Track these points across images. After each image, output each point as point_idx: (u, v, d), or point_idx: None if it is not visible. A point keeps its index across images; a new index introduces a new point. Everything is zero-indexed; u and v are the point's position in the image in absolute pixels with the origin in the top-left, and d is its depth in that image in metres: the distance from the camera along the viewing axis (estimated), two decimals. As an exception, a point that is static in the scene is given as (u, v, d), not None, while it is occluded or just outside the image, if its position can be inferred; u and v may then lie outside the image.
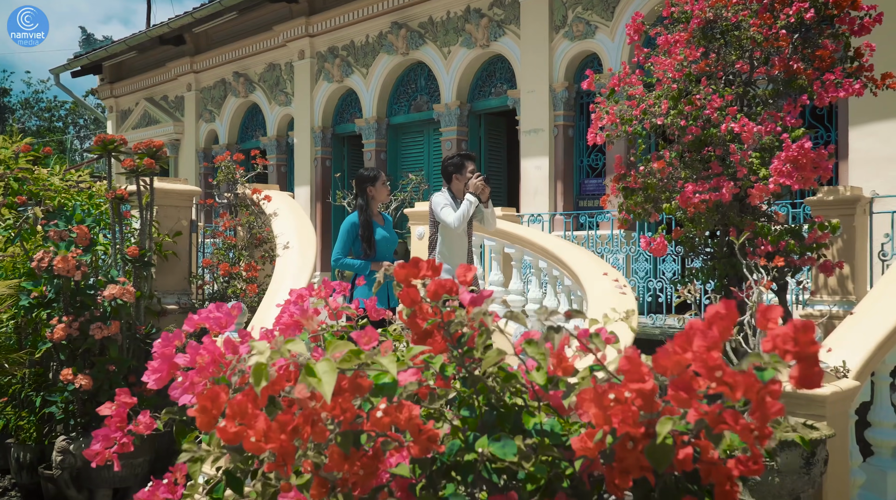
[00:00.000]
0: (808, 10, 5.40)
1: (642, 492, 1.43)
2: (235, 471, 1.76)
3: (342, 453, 1.30)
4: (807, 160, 5.27)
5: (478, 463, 1.42)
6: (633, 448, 1.31)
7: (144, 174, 6.50)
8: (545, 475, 1.44)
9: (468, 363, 1.49)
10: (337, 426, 1.31)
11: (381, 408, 1.30)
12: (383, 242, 6.04)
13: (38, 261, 5.73)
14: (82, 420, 6.08)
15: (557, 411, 1.54)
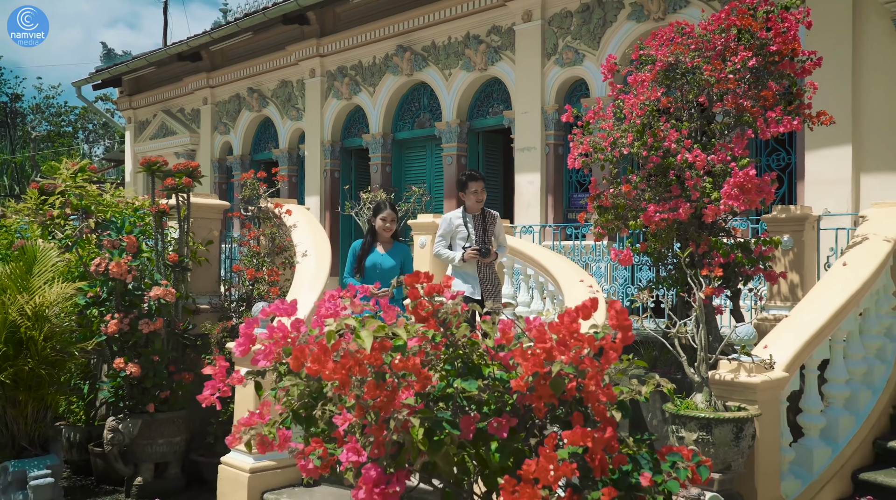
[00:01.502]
0: (751, 59, 6.36)
1: (553, 413, 2.41)
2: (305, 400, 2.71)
3: (375, 383, 2.27)
4: (752, 185, 6.25)
5: (455, 395, 2.40)
6: (542, 383, 2.28)
7: (182, 191, 7.44)
8: (495, 402, 2.42)
9: (448, 335, 2.47)
10: (372, 368, 2.28)
11: (397, 358, 2.28)
12: (372, 268, 6.83)
13: (96, 266, 6.67)
14: (130, 403, 7.00)
15: (504, 366, 2.52)
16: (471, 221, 7.05)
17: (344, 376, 2.21)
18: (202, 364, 7.20)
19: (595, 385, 2.23)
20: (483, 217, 7.12)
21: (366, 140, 14.66)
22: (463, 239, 7.03)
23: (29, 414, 5.97)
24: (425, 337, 2.37)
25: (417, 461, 2.38)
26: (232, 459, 6.79)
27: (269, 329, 2.83)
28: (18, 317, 5.82)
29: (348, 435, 2.47)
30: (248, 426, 2.70)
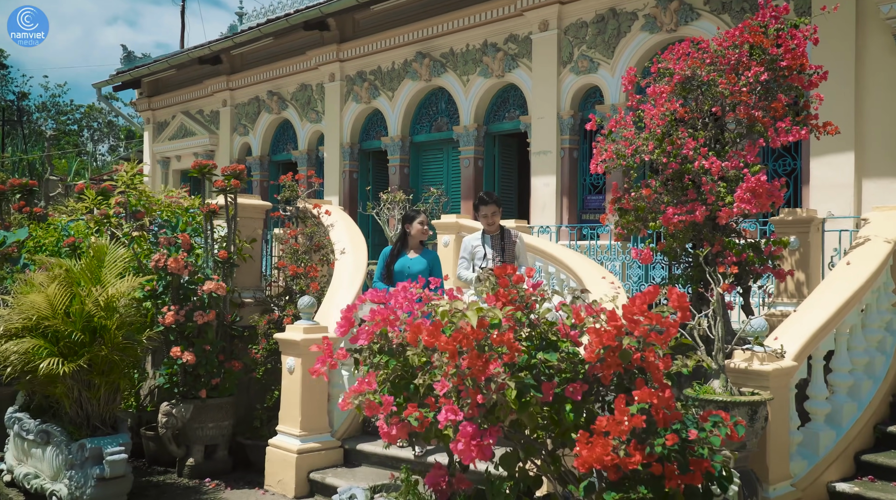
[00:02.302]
0: (763, 73, 6.90)
1: (619, 379, 2.95)
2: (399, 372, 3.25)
3: (477, 354, 2.81)
4: (763, 190, 6.78)
5: (538, 365, 2.94)
6: (612, 355, 2.83)
7: (231, 192, 7.97)
8: (569, 371, 2.96)
9: (531, 316, 3.01)
10: (476, 341, 2.82)
11: (495, 333, 2.82)
12: (401, 272, 7.03)
13: (155, 261, 7.22)
14: (183, 389, 7.54)
15: (574, 343, 3.06)
16: (488, 242, 7.23)
17: (454, 348, 2.75)
18: (249, 354, 7.78)
19: (654, 357, 2.77)
20: (501, 237, 7.30)
21: (384, 143, 15.20)
22: (480, 259, 7.20)
23: (102, 397, 6.50)
24: (513, 318, 2.92)
25: (507, 419, 2.92)
26: (280, 441, 7.35)
27: (371, 313, 3.37)
28: (93, 308, 6.36)
29: (446, 398, 3.01)
30: (358, 393, 3.24)
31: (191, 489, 7.33)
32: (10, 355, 6.33)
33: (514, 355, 2.85)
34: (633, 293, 10.29)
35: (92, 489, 6.18)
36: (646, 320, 2.62)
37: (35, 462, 6.71)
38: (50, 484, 6.46)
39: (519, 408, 2.83)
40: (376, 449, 7.34)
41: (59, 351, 6.25)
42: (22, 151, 42.66)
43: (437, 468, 3.83)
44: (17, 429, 6.83)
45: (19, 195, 10.81)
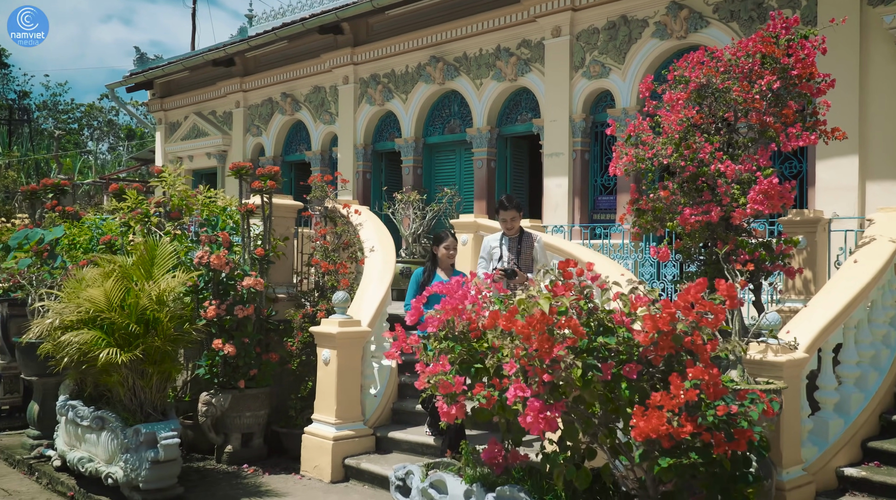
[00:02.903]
0: (776, 82, 7.30)
1: (667, 360, 3.35)
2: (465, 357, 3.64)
3: (547, 337, 3.21)
4: (774, 192, 7.20)
5: (599, 347, 3.34)
6: (665, 339, 3.23)
7: (267, 192, 8.36)
8: (625, 353, 3.36)
9: (589, 305, 3.42)
10: (546, 325, 3.22)
11: (563, 319, 3.23)
12: (434, 295, 7.59)
13: (199, 258, 7.60)
14: (223, 380, 7.92)
15: (628, 328, 3.47)
16: (506, 244, 7.45)
17: (528, 332, 3.16)
18: (285, 346, 8.17)
19: (701, 340, 3.18)
20: (520, 240, 7.49)
21: (398, 144, 15.59)
22: (497, 260, 7.41)
23: (154, 385, 6.89)
24: (577, 305, 3.32)
25: (571, 395, 3.32)
26: (316, 429, 7.75)
27: (442, 303, 3.77)
28: (146, 302, 6.75)
29: (515, 378, 3.42)
30: (433, 374, 3.64)
31: (230, 475, 7.71)
32: (67, 346, 6.71)
33: (577, 339, 3.26)
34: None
35: (146, 471, 6.56)
36: (699, 307, 3.03)
37: (89, 447, 7.09)
38: (105, 467, 6.85)
39: (582, 386, 3.23)
40: (406, 437, 7.75)
41: (115, 342, 6.64)
42: (27, 150, 42.96)
43: (492, 443, 4.23)
44: (71, 416, 7.21)
45: (52, 195, 11.18)
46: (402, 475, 4.88)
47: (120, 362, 6.49)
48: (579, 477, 3.50)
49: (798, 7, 10.30)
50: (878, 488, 6.39)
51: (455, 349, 3.81)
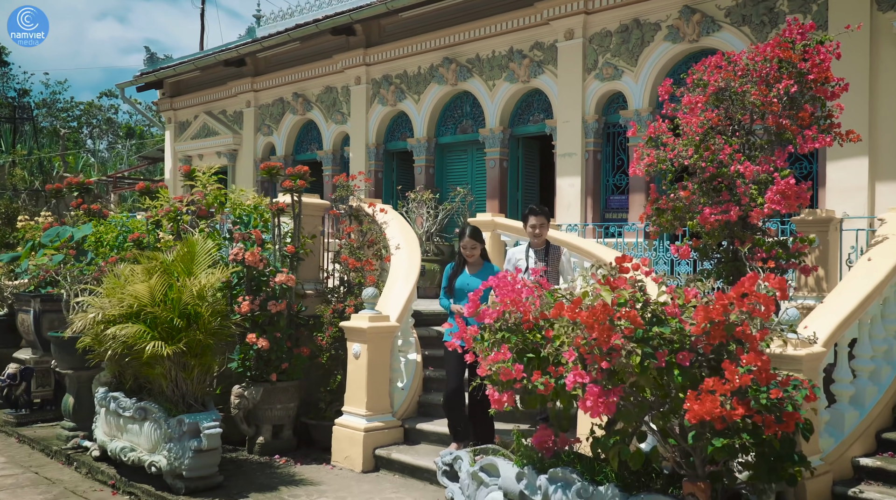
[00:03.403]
0: (793, 86, 7.57)
1: (717, 349, 3.61)
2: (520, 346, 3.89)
3: (609, 326, 3.47)
4: (791, 192, 7.46)
5: (654, 337, 3.60)
6: (717, 328, 3.49)
7: (296, 192, 8.61)
8: (678, 342, 3.62)
9: (643, 298, 3.68)
10: (607, 315, 3.48)
11: (623, 310, 3.49)
12: (461, 290, 7.16)
13: (234, 255, 7.85)
14: (255, 373, 8.16)
15: (680, 321, 3.72)
16: (532, 256, 7.40)
17: (591, 321, 3.42)
18: (315, 341, 8.42)
19: (750, 330, 3.45)
20: (546, 252, 7.46)
21: (410, 144, 15.84)
22: (523, 273, 7.27)
23: (195, 377, 7.14)
24: (634, 298, 3.58)
25: (628, 381, 3.58)
26: (346, 420, 8.00)
27: (499, 295, 4.03)
28: (188, 297, 7.00)
29: (573, 365, 3.68)
30: (495, 362, 3.90)
31: (263, 465, 7.96)
32: (112, 339, 6.96)
33: (634, 329, 3.52)
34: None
35: (189, 459, 6.81)
36: (752, 298, 3.29)
37: (131, 437, 7.33)
38: (148, 456, 7.09)
39: (640, 372, 3.49)
40: (434, 428, 8.00)
41: (159, 336, 6.88)
42: (32, 148, 43.12)
43: (542, 429, 4.49)
44: (113, 407, 7.45)
45: (77, 193, 11.41)
46: (449, 461, 5.13)
47: (165, 354, 6.73)
48: (633, 457, 3.76)
49: (809, 12, 10.58)
50: (893, 477, 6.64)
51: (511, 340, 4.06)
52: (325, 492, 7.03)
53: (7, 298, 10.68)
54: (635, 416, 3.65)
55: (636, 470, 4.10)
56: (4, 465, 8.07)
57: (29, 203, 32.15)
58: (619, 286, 3.66)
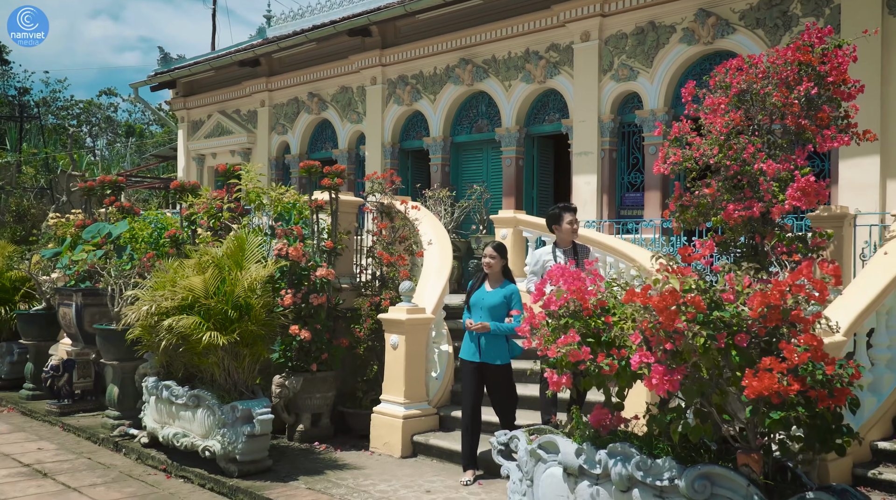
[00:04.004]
0: (814, 88, 7.94)
1: (771, 332, 3.97)
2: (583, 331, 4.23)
3: (676, 311, 3.83)
4: (811, 189, 7.82)
5: (715, 320, 3.96)
6: (773, 313, 3.85)
7: (334, 189, 8.95)
8: (738, 325, 3.98)
9: (705, 285, 4.04)
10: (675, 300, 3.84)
11: (689, 296, 3.84)
12: (475, 305, 7.20)
13: (278, 250, 8.19)
14: (296, 363, 8.51)
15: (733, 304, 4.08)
16: (560, 257, 7.33)
17: (660, 304, 3.77)
18: (353, 332, 8.76)
19: (801, 313, 3.80)
20: (574, 251, 7.40)
21: (426, 143, 16.19)
22: None
23: (246, 366, 7.50)
24: (696, 285, 3.94)
25: (690, 361, 3.94)
26: (385, 408, 8.36)
27: (566, 285, 4.38)
28: (240, 290, 7.35)
29: (639, 347, 4.03)
30: (564, 344, 4.25)
31: (305, 451, 8.31)
32: (164, 331, 7.30)
33: (696, 313, 3.87)
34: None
35: (242, 444, 7.17)
36: (810, 282, 3.65)
37: (183, 423, 7.68)
38: (201, 441, 7.44)
39: (702, 353, 3.85)
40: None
41: (213, 326, 7.23)
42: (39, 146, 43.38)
43: (598, 408, 4.86)
44: (165, 395, 7.79)
45: (110, 191, 11.74)
46: (504, 441, 5.48)
47: (220, 344, 7.07)
48: (694, 431, 4.12)
49: (822, 16, 10.95)
50: (910, 459, 7.03)
51: (575, 325, 4.42)
52: (370, 475, 7.38)
53: (45, 292, 11.00)
54: (696, 393, 4.01)
55: (686, 445, 4.47)
56: (57, 451, 8.41)
57: (35, 201, 32.45)
58: (688, 274, 4.02)
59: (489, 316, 7.10)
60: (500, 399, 7.28)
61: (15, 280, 11.66)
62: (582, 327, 4.44)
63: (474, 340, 7.19)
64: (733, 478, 4.12)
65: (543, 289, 4.62)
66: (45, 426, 9.64)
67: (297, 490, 6.85)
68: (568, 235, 7.42)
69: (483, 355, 7.14)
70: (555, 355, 4.30)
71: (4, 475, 7.43)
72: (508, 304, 7.13)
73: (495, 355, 7.14)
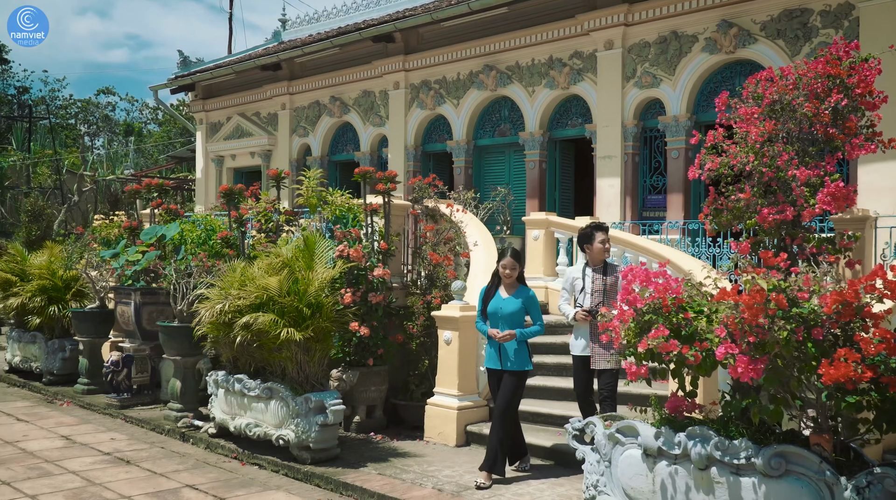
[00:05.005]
0: (843, 100, 8.49)
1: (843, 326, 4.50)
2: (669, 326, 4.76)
3: (762, 308, 4.34)
4: (840, 194, 8.36)
5: (793, 316, 4.48)
6: (847, 309, 4.38)
7: (387, 194, 9.45)
8: (814, 320, 4.51)
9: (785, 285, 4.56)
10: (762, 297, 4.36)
11: (773, 294, 4.36)
12: (496, 312, 7.30)
13: (340, 251, 8.69)
14: (354, 358, 9.01)
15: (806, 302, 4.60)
16: (590, 275, 7.31)
17: (748, 301, 4.29)
18: (407, 329, 9.27)
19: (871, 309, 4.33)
20: (604, 270, 7.32)
21: (449, 146, 16.71)
22: (578, 292, 7.30)
23: (317, 360, 8.00)
24: (779, 285, 4.46)
25: (772, 352, 4.47)
26: (439, 400, 8.87)
27: (655, 286, 4.90)
28: (313, 289, 7.86)
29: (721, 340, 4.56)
30: (654, 338, 4.77)
31: (363, 441, 8.82)
32: (239, 328, 7.80)
33: (776, 309, 4.40)
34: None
35: (315, 433, 7.68)
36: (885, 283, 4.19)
37: (255, 415, 8.18)
38: (274, 431, 7.94)
39: (784, 344, 4.38)
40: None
41: (288, 323, 7.73)
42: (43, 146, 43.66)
43: (674, 396, 5.38)
44: (238, 388, 8.28)
45: (156, 194, 12.22)
46: (580, 427, 6.00)
47: (297, 340, 7.58)
48: (773, 414, 4.66)
49: (841, 27, 11.51)
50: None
51: (659, 321, 4.95)
52: (432, 462, 7.89)
53: (98, 291, 11.47)
54: (775, 380, 4.54)
55: (754, 428, 5.01)
56: (130, 441, 8.90)
57: (45, 201, 32.79)
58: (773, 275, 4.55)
59: (509, 324, 7.23)
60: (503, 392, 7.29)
61: (66, 279, 12.12)
62: (666, 322, 4.96)
63: (496, 347, 7.32)
64: (807, 456, 4.65)
65: (631, 287, 5.14)
66: (108, 419, 10.12)
67: (370, 476, 7.35)
68: (599, 254, 7.37)
69: (506, 363, 7.27)
70: (645, 348, 4.82)
71: (91, 462, 7.92)
72: (526, 309, 7.33)
73: (518, 362, 7.29)
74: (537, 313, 7.39)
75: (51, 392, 11.61)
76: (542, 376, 9.44)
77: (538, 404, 8.88)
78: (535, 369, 9.49)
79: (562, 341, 9.61)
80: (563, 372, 9.24)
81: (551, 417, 8.58)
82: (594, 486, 5.73)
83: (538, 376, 9.41)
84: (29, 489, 6.99)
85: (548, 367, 9.59)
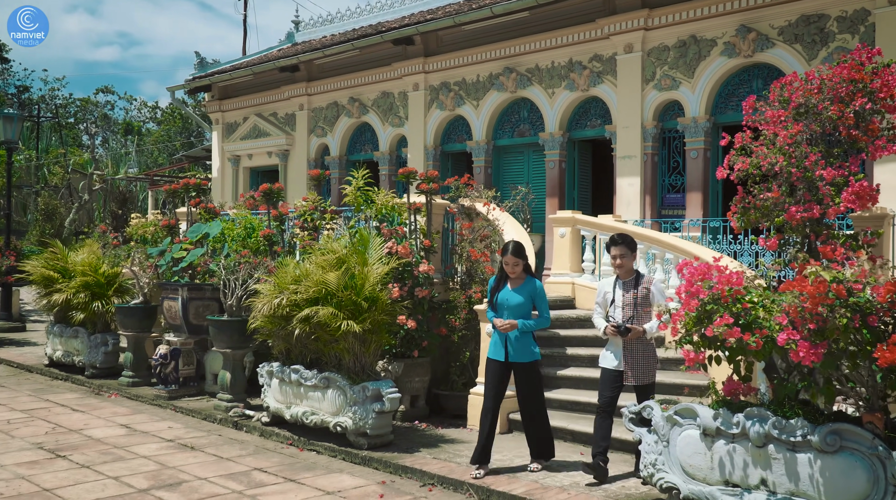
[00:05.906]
0: (867, 104, 8.94)
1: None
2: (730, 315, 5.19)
3: (824, 297, 4.78)
4: (864, 193, 8.81)
5: (850, 305, 4.92)
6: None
7: (429, 193, 9.87)
8: (870, 309, 4.95)
9: (843, 276, 5.00)
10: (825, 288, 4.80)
11: (834, 285, 4.80)
12: (503, 303, 7.44)
13: (388, 248, 9.11)
14: (401, 350, 9.43)
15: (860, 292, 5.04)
16: (620, 288, 7.26)
17: (811, 290, 4.73)
18: (449, 322, 9.69)
19: (923, 299, 4.77)
20: (635, 284, 7.21)
21: (469, 146, 17.14)
22: (610, 304, 7.29)
23: (372, 351, 8.43)
24: (838, 277, 4.90)
25: (831, 337, 4.91)
26: (481, 390, 9.27)
27: (719, 279, 5.33)
28: (370, 284, 8.28)
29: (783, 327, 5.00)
30: (719, 326, 5.20)
31: (410, 429, 9.24)
32: (298, 321, 8.22)
33: (835, 299, 4.84)
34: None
35: (372, 419, 8.10)
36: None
37: (311, 403, 8.60)
38: (331, 418, 8.36)
39: (843, 331, 4.82)
40: (554, 396, 9.30)
41: (346, 316, 8.15)
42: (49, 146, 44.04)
43: (729, 380, 5.83)
44: (294, 378, 8.69)
45: (194, 193, 12.62)
46: (636, 410, 6.43)
47: (355, 331, 8.00)
48: (828, 394, 5.11)
49: (857, 32, 11.97)
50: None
51: (720, 311, 5.39)
52: (481, 448, 8.30)
53: (142, 287, 11.86)
54: (832, 364, 4.98)
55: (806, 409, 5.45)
56: (187, 429, 9.30)
57: (59, 200, 33.17)
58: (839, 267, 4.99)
59: (514, 316, 7.37)
60: (528, 393, 7.53)
61: (108, 276, 12.51)
62: (725, 311, 5.40)
63: (502, 339, 7.45)
64: (860, 433, 5.10)
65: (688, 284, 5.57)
66: (159, 409, 10.52)
67: (425, 460, 7.77)
68: (613, 269, 7.40)
69: (512, 354, 7.40)
70: (712, 334, 5.25)
71: (157, 448, 8.33)
72: (533, 300, 7.47)
73: (524, 353, 7.42)
74: (544, 306, 7.53)
75: (95, 385, 12.00)
76: (577, 368, 9.87)
77: (575, 393, 9.31)
78: (569, 360, 9.94)
79: (593, 334, 10.03)
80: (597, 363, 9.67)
81: (590, 405, 8.99)
82: (653, 464, 6.16)
83: (572, 367, 9.84)
84: (109, 471, 7.40)
85: (581, 358, 10.01)
